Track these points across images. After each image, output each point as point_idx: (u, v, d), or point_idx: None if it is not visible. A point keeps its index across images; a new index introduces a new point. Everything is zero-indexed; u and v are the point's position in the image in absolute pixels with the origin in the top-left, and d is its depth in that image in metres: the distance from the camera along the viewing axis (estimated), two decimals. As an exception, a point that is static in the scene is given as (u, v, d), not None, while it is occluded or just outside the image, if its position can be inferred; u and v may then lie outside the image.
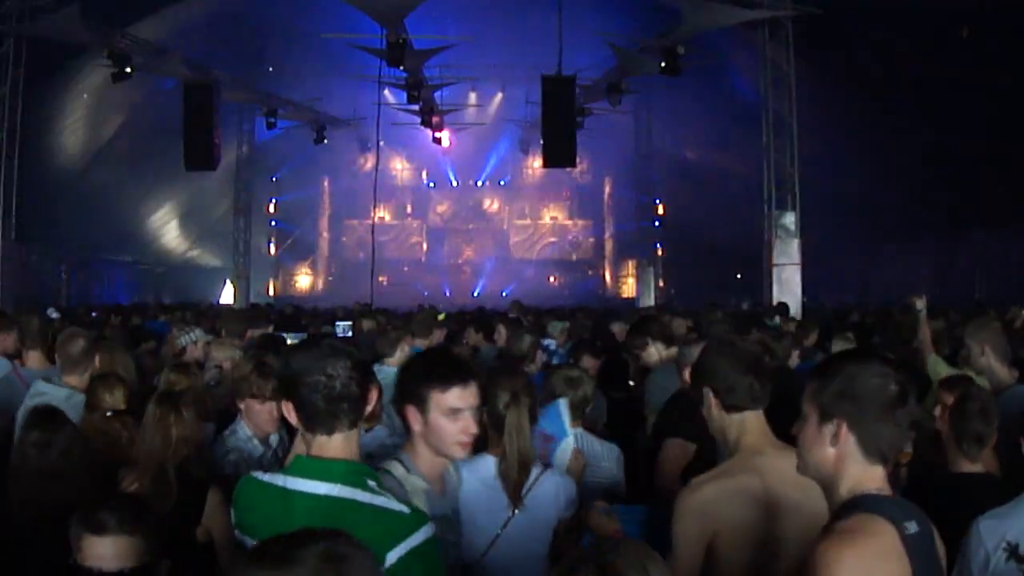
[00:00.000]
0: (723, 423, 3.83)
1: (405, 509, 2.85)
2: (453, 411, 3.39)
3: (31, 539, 4.23)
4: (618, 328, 12.35)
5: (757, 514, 3.54)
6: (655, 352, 7.19)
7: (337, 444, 2.95)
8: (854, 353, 2.96)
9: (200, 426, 5.11)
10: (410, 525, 2.81)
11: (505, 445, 4.01)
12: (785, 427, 3.27)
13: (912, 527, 2.65)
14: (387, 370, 7.11)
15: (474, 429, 3.46)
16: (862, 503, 2.72)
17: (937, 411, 5.39)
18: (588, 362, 8.06)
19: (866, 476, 2.79)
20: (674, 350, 7.02)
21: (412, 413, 3.47)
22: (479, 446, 4.30)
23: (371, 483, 2.91)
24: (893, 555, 2.59)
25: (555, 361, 9.15)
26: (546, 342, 10.45)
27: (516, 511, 3.94)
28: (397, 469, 3.43)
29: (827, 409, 2.82)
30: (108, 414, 5.39)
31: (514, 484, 3.99)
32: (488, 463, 4.17)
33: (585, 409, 5.41)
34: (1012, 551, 3.73)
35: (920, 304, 8.63)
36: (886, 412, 2.79)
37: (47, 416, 4.82)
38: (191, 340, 8.86)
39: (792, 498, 3.49)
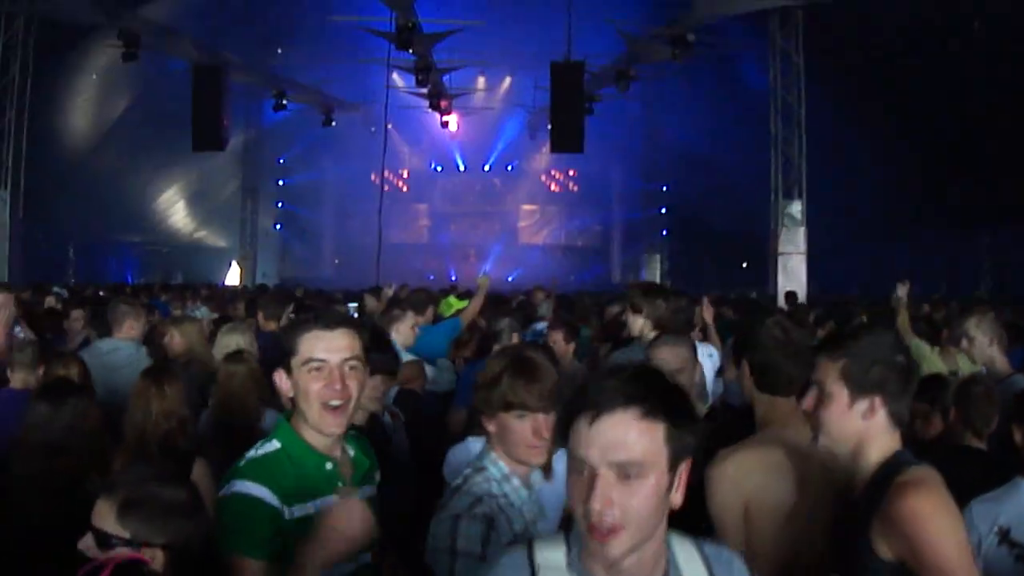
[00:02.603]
0: (753, 396, 3.91)
1: (241, 462, 3.10)
2: None
3: (38, 514, 4.27)
4: (615, 310, 12.22)
5: (783, 484, 3.55)
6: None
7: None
8: (868, 328, 3.06)
9: (185, 400, 5.14)
10: (230, 476, 3.06)
11: None
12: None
13: None
14: None
15: None
16: (904, 458, 2.92)
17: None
18: (559, 340, 8.12)
19: (892, 443, 2.97)
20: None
21: None
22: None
23: (273, 440, 3.16)
24: (950, 497, 2.83)
25: None
26: (540, 326, 10.31)
27: (545, 481, 3.86)
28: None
29: (860, 386, 2.94)
30: None
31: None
32: None
33: None
34: (1004, 535, 3.77)
35: (901, 291, 8.87)
36: (908, 383, 2.97)
37: (56, 390, 4.86)
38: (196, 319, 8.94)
39: (818, 469, 3.51)
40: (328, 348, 3.12)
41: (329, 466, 3.15)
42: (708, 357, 7.13)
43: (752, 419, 3.93)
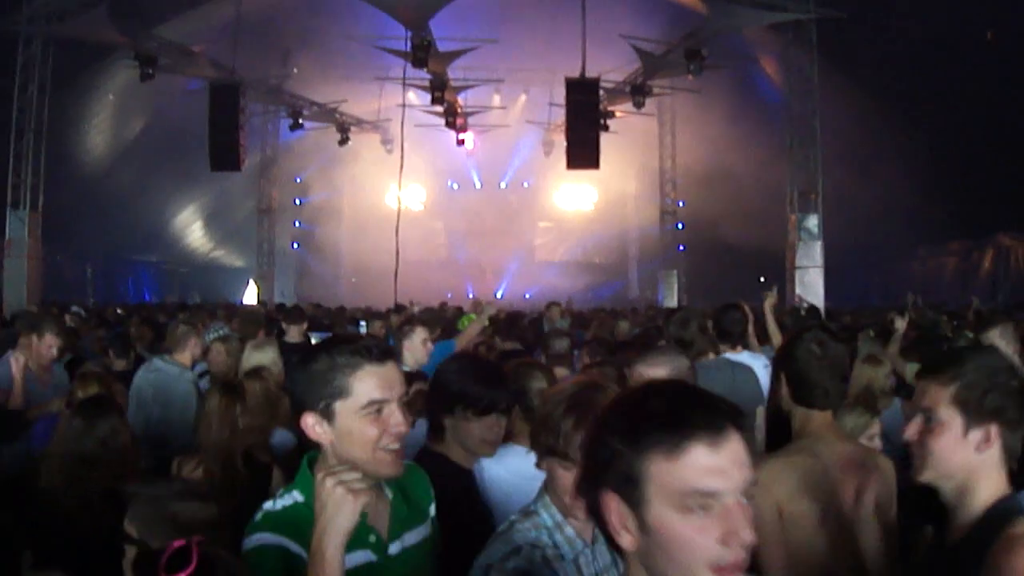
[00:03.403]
0: (790, 409, 3.91)
1: (257, 515, 2.82)
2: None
3: (73, 519, 4.45)
4: (624, 327, 12.10)
5: (817, 493, 3.56)
6: None
7: None
8: (975, 347, 2.91)
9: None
10: (249, 530, 2.79)
11: None
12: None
13: None
14: None
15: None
16: (1017, 505, 2.67)
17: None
18: None
19: (1001, 482, 2.73)
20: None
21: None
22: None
23: (294, 491, 2.86)
24: None
25: None
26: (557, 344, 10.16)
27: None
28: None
29: (975, 413, 2.71)
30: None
31: None
32: (518, 452, 4.02)
33: None
34: None
35: (900, 324, 8.87)
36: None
37: (92, 405, 5.02)
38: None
39: (853, 481, 3.53)
40: (385, 385, 2.76)
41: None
42: (764, 368, 7.15)
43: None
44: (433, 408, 4.07)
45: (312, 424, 2.74)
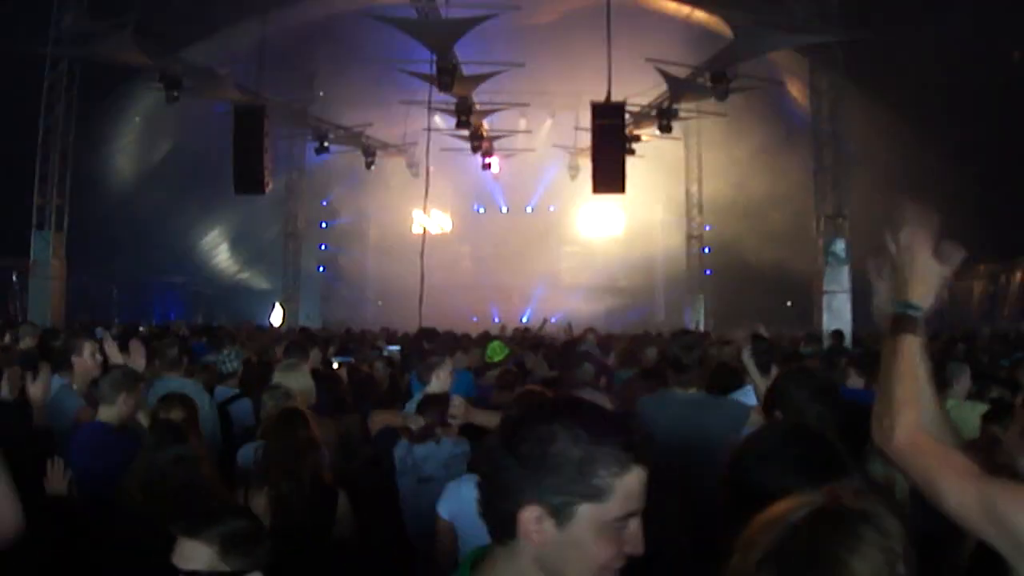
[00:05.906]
0: None
1: None
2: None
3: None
4: (651, 354, 11.87)
5: None
6: None
7: None
8: None
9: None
10: None
11: None
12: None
13: None
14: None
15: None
16: None
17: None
18: None
19: None
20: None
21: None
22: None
23: None
24: None
25: None
26: None
27: None
28: None
29: None
30: None
31: None
32: None
33: None
34: None
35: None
36: None
37: (176, 432, 5.13)
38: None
39: None
40: (642, 494, 2.11)
41: None
42: (744, 398, 6.95)
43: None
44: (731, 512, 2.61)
45: (534, 519, 2.04)
